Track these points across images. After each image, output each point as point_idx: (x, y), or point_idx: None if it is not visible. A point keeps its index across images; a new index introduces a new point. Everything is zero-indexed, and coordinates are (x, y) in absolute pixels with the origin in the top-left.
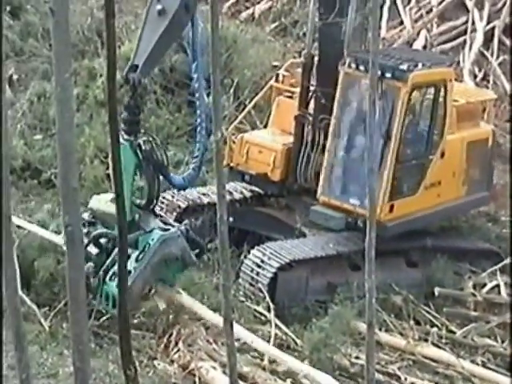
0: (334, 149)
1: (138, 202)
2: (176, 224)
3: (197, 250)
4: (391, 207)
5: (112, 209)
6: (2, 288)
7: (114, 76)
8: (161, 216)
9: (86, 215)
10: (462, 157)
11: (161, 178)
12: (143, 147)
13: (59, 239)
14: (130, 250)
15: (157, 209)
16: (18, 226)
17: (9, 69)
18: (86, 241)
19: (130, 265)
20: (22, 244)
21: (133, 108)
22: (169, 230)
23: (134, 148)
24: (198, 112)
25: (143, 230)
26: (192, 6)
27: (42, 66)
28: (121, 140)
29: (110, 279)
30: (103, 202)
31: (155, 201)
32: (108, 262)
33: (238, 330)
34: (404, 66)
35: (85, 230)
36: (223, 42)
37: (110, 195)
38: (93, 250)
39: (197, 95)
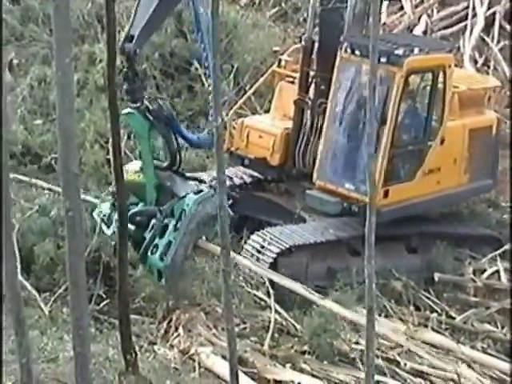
0: (329, 133)
1: (162, 165)
2: (207, 180)
3: (230, 201)
4: (386, 192)
5: (138, 179)
6: (2, 273)
7: (113, 61)
8: (190, 178)
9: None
10: (463, 144)
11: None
12: (151, 107)
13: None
14: (166, 220)
15: None
16: None
17: (9, 53)
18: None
19: (169, 235)
20: (22, 228)
21: (132, 77)
22: (201, 191)
23: (143, 112)
24: (210, 80)
25: (177, 196)
26: None
27: (42, 50)
28: (129, 110)
29: (152, 253)
30: (131, 172)
31: (178, 158)
32: (148, 237)
33: None
34: (399, 51)
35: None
36: (223, 27)
37: (137, 164)
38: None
39: (206, 64)
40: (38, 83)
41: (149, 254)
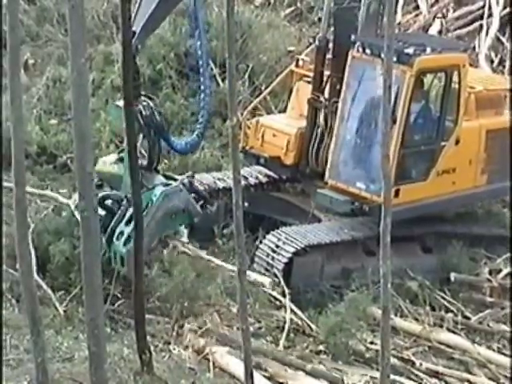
0: (341, 132)
1: (140, 162)
2: (179, 177)
3: (201, 201)
4: (396, 192)
5: (116, 170)
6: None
7: (129, 61)
8: (164, 174)
9: None
10: (479, 145)
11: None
12: (143, 113)
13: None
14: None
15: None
16: None
17: (24, 54)
18: None
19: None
20: (37, 228)
21: (132, 74)
22: (171, 184)
23: (135, 114)
24: (202, 79)
25: (146, 187)
26: None
27: (57, 51)
28: (116, 103)
29: (117, 239)
30: (108, 164)
31: (156, 162)
32: (113, 222)
33: None
34: (410, 50)
35: None
36: (238, 27)
37: (114, 157)
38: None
39: (200, 62)
40: (54, 83)
41: (114, 240)
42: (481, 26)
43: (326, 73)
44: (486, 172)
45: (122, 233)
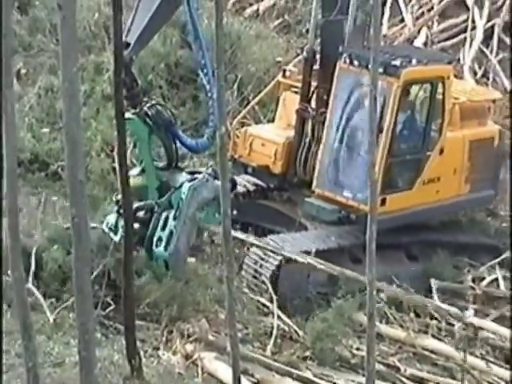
0: (328, 142)
1: (160, 165)
2: (203, 170)
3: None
4: (383, 201)
5: (141, 182)
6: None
7: (120, 70)
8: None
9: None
10: (463, 155)
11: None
12: (149, 113)
13: None
14: (166, 212)
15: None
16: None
17: (17, 63)
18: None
19: (170, 225)
20: (32, 236)
21: (130, 82)
22: (195, 178)
23: (142, 117)
24: (208, 87)
25: (174, 188)
26: None
27: (49, 60)
28: (129, 115)
29: (157, 246)
30: (132, 178)
31: (175, 158)
32: (149, 231)
33: None
34: (397, 62)
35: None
36: (227, 38)
37: (137, 170)
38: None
39: (205, 71)
40: (46, 92)
41: (154, 248)
42: (465, 38)
43: (313, 83)
44: (469, 181)
45: (160, 238)
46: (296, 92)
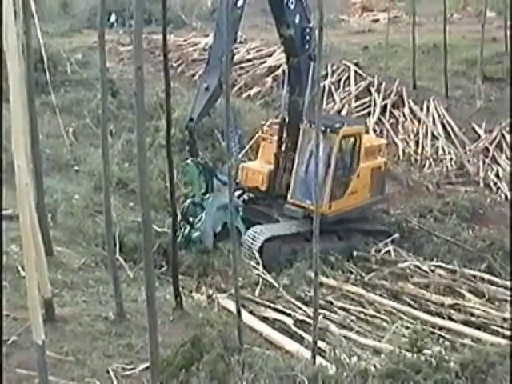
0: (298, 172)
1: (202, 190)
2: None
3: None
4: (330, 206)
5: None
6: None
7: (169, 130)
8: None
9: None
10: (367, 176)
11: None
12: (201, 162)
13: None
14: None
15: None
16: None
17: (109, 126)
18: None
19: (203, 219)
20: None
21: (192, 143)
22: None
23: (196, 164)
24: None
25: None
26: (225, 84)
27: (128, 124)
28: (188, 161)
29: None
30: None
31: (211, 189)
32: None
33: None
34: (337, 125)
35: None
36: (232, 111)
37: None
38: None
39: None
40: (126, 143)
41: (192, 232)
42: (369, 112)
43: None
44: (370, 191)
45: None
46: (271, 142)
